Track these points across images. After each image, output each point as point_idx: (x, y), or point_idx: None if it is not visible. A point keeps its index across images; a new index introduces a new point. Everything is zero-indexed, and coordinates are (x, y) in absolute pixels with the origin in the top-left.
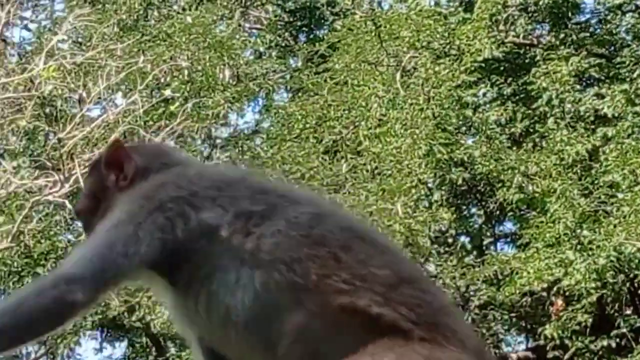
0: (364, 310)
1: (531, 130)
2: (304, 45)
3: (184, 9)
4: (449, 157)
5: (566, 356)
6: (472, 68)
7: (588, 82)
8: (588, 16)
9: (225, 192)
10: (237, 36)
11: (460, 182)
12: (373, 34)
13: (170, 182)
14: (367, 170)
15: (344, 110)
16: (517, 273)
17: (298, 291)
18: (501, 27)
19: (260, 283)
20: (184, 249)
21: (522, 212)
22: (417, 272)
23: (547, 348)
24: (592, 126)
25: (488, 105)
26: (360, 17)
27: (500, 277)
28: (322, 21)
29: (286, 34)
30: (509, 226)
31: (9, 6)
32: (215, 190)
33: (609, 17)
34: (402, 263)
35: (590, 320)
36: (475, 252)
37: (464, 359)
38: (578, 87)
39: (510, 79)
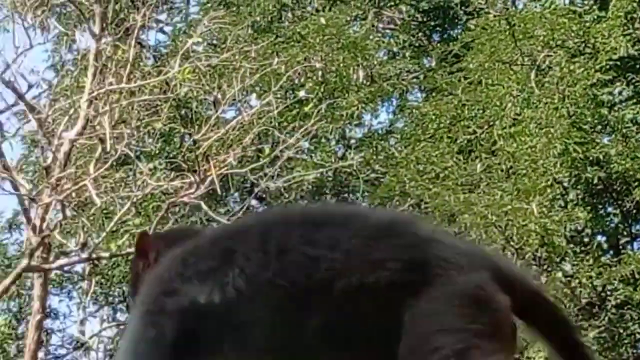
0: None
1: None
2: (438, 45)
3: (317, 10)
4: (584, 156)
5: None
6: (607, 66)
7: None
8: None
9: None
10: (371, 37)
11: (595, 181)
12: (507, 33)
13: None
14: (502, 170)
15: (478, 109)
16: None
17: None
18: (637, 24)
19: None
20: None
21: None
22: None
23: None
24: None
25: (624, 104)
26: (494, 16)
27: (637, 276)
28: (456, 21)
29: (420, 34)
30: None
31: (144, 9)
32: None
33: None
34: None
35: None
36: (611, 252)
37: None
38: None
39: None
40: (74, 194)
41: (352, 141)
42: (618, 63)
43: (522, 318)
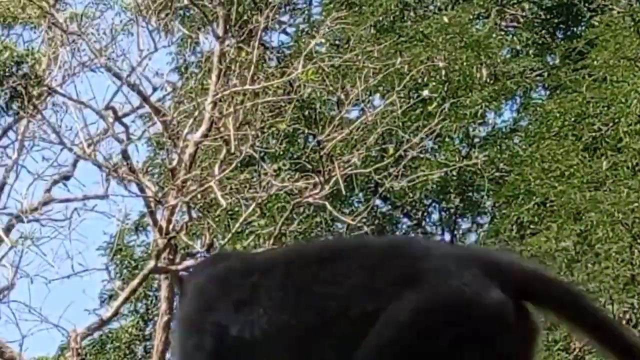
0: None
1: None
2: (562, 42)
3: (440, 9)
4: None
5: None
6: None
7: None
8: None
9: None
10: (494, 35)
11: None
12: (632, 29)
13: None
14: (628, 167)
15: (603, 106)
16: None
17: None
18: None
19: None
20: None
21: None
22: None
23: None
24: None
25: None
26: (618, 12)
27: None
28: (580, 18)
29: (543, 31)
30: None
31: (267, 11)
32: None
33: None
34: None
35: None
36: None
37: None
38: None
39: None
40: (199, 196)
41: (476, 140)
42: None
43: (529, 300)
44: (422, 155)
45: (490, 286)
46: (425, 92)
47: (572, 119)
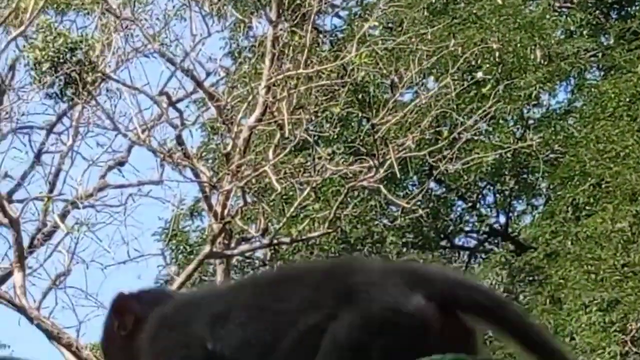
0: None
1: None
2: (616, 22)
3: None
4: None
5: None
6: None
7: None
8: None
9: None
10: (548, 16)
11: None
12: None
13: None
14: None
15: None
16: None
17: None
18: None
19: None
20: None
21: None
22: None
23: None
24: None
25: None
26: None
27: None
28: None
29: (597, 11)
30: None
31: None
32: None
33: None
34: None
35: None
36: None
37: None
38: None
39: None
40: (254, 180)
41: (531, 121)
42: None
43: (455, 307)
44: (476, 138)
45: (410, 294)
46: (479, 74)
47: (627, 100)
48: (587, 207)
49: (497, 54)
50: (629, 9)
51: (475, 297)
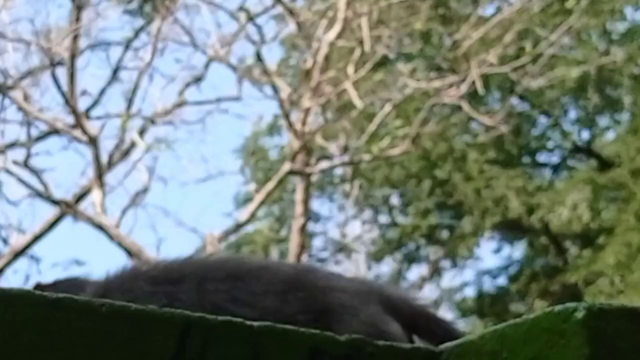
0: None
1: None
2: None
3: None
4: None
5: None
6: None
7: None
8: None
9: None
10: None
11: None
12: None
13: None
14: None
15: None
16: None
17: None
18: None
19: None
20: None
21: None
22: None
23: None
24: None
25: None
26: None
27: None
28: None
29: None
30: None
31: None
32: None
33: None
34: None
35: None
36: None
37: None
38: None
39: None
40: (334, 97)
41: (615, 36)
42: None
43: (415, 334)
44: (559, 53)
45: (390, 321)
46: None
47: None
48: None
49: None
50: None
51: (435, 329)
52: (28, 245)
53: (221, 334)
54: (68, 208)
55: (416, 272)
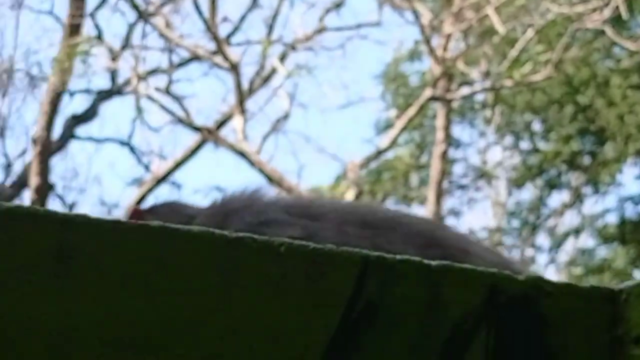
0: None
1: None
2: None
3: None
4: None
5: None
6: None
7: None
8: None
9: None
10: None
11: None
12: None
13: None
14: None
15: None
16: None
17: None
18: None
19: None
20: None
21: None
22: None
23: None
24: None
25: None
26: None
27: None
28: None
29: None
30: None
31: None
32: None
33: None
34: None
35: None
36: None
37: None
38: None
39: None
40: (475, 23)
41: None
42: None
43: None
44: None
45: None
46: None
47: None
48: None
49: None
50: None
51: None
52: (170, 172)
53: (399, 273)
54: (209, 134)
55: (557, 198)
